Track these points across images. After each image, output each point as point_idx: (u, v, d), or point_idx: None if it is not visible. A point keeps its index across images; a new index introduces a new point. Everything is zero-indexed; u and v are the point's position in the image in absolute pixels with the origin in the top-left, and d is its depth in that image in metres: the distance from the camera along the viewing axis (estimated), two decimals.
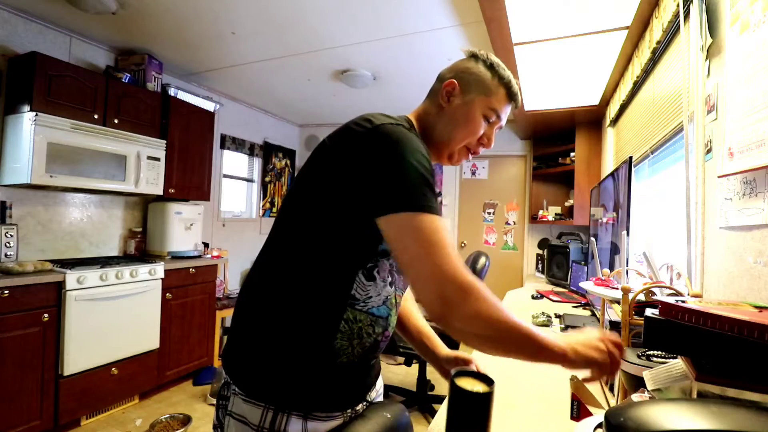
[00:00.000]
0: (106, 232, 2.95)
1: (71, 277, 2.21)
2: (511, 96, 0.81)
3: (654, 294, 0.87)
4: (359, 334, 0.73)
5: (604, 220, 2.03)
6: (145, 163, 2.77)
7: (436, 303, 0.61)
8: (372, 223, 0.66)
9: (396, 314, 0.83)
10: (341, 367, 0.72)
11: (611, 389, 1.01)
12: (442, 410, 0.93)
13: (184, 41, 2.74)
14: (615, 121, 2.86)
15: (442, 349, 0.91)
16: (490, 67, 0.81)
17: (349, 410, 0.77)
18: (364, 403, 0.82)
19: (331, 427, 0.73)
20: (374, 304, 0.74)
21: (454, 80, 0.81)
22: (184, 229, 3.13)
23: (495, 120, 0.81)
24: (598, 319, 1.61)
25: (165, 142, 2.92)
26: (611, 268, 1.66)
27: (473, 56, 0.83)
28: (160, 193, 2.92)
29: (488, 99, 0.79)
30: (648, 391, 0.59)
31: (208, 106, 3.42)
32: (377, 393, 0.90)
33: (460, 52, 0.87)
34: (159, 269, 2.70)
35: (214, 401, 0.83)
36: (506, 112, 0.82)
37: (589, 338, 0.66)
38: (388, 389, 2.94)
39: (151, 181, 2.82)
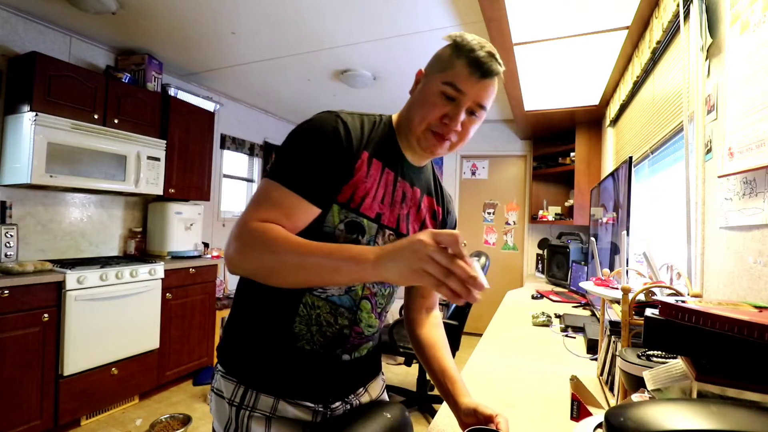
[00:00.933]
0: (106, 232, 2.95)
1: (71, 277, 2.21)
2: (473, 64, 0.69)
3: (654, 294, 0.87)
4: (317, 320, 0.75)
5: (604, 220, 2.03)
6: (145, 163, 2.77)
7: (227, 248, 0.67)
8: (312, 206, 0.69)
9: (372, 313, 0.80)
10: (303, 353, 0.75)
11: (611, 389, 1.01)
12: (442, 410, 0.93)
13: (184, 41, 2.74)
14: (615, 121, 2.86)
15: (464, 398, 0.79)
16: (454, 42, 0.73)
17: (321, 405, 0.77)
18: (343, 404, 0.81)
19: (303, 415, 0.75)
20: (334, 292, 0.75)
21: (422, 68, 0.78)
22: (184, 229, 3.13)
23: (456, 95, 0.70)
24: (598, 319, 1.61)
25: (165, 142, 2.92)
26: (611, 268, 1.66)
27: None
28: (160, 193, 2.92)
29: (444, 74, 0.71)
30: (648, 391, 0.59)
31: (208, 106, 3.42)
32: (371, 398, 0.89)
33: None
34: (159, 269, 2.70)
35: None
36: (473, 85, 0.70)
37: (404, 241, 0.55)
38: (388, 389, 2.93)
39: (151, 181, 2.82)
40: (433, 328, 0.94)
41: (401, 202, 0.80)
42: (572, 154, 3.70)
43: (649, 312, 0.53)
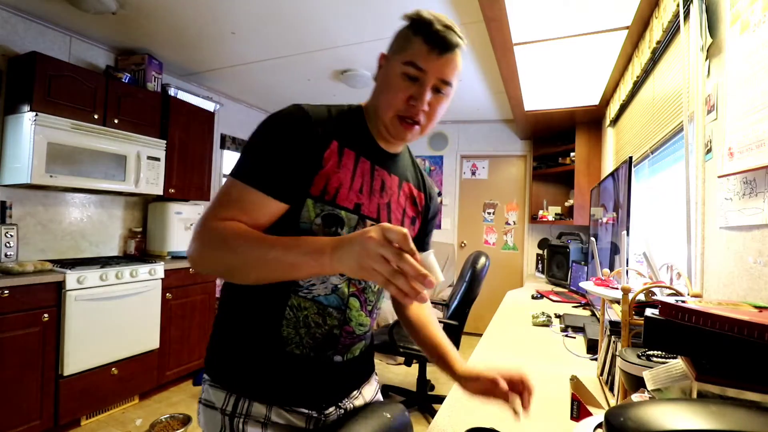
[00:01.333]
0: (106, 232, 2.95)
1: (71, 277, 2.21)
2: (431, 40, 0.67)
3: (654, 294, 0.87)
4: (306, 322, 0.72)
5: (604, 220, 2.03)
6: (145, 163, 2.76)
7: (190, 248, 0.66)
8: (274, 201, 0.67)
9: (362, 311, 0.78)
10: (293, 358, 0.72)
11: (611, 389, 1.01)
12: (442, 410, 0.93)
13: (184, 41, 2.74)
14: (615, 121, 2.86)
15: (460, 365, 0.81)
16: (411, 20, 0.70)
17: (315, 411, 0.75)
18: (337, 409, 0.79)
19: (297, 422, 0.73)
20: (320, 292, 0.72)
21: (383, 52, 0.75)
22: (184, 229, 3.13)
23: (418, 74, 0.68)
24: (598, 319, 1.61)
25: (165, 142, 2.92)
26: (611, 268, 1.66)
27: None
28: (160, 193, 2.92)
29: (403, 54, 0.69)
30: (648, 391, 0.59)
31: (208, 106, 3.42)
32: (365, 401, 0.86)
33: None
34: (159, 269, 2.70)
35: None
36: (434, 62, 0.68)
37: (355, 235, 0.54)
38: (388, 389, 2.93)
39: (151, 181, 2.82)
40: (420, 307, 0.93)
41: (380, 191, 0.77)
42: (572, 154, 3.70)
43: (649, 312, 0.53)
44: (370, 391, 0.88)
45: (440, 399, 2.70)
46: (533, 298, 2.49)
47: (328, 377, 0.77)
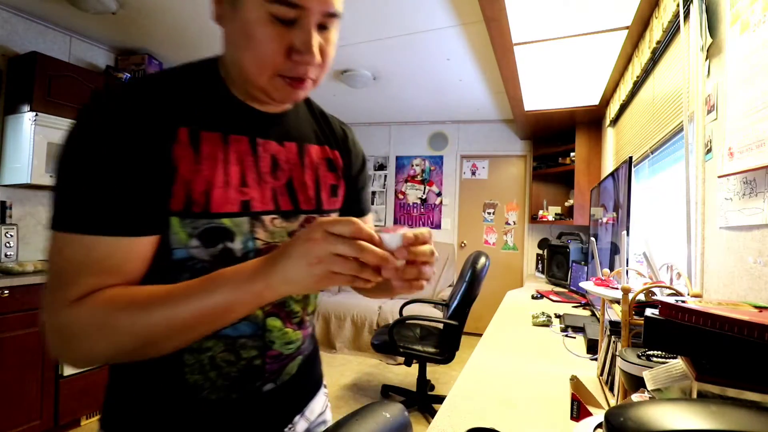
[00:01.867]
0: None
1: None
2: None
3: (654, 294, 0.87)
4: (213, 364, 0.56)
5: (604, 220, 2.03)
6: None
7: (48, 346, 0.47)
8: (138, 240, 0.49)
9: (286, 328, 0.62)
10: (210, 404, 0.57)
11: (611, 389, 1.02)
12: (442, 410, 0.93)
13: (184, 41, 2.74)
14: (615, 121, 2.86)
15: None
16: None
17: None
18: None
19: None
20: None
21: None
22: None
23: (295, 13, 0.48)
24: (598, 319, 1.61)
25: None
26: (611, 268, 1.66)
27: None
28: None
29: None
30: (648, 391, 0.59)
31: None
32: (310, 421, 0.71)
33: (460, 52, 0.81)
34: None
35: None
36: None
37: (291, 246, 0.43)
38: (388, 389, 2.94)
39: None
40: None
41: (272, 171, 0.59)
42: (572, 154, 3.70)
43: (649, 312, 0.53)
44: (315, 410, 0.73)
45: (440, 399, 2.70)
46: (533, 298, 2.49)
47: (259, 412, 0.62)
